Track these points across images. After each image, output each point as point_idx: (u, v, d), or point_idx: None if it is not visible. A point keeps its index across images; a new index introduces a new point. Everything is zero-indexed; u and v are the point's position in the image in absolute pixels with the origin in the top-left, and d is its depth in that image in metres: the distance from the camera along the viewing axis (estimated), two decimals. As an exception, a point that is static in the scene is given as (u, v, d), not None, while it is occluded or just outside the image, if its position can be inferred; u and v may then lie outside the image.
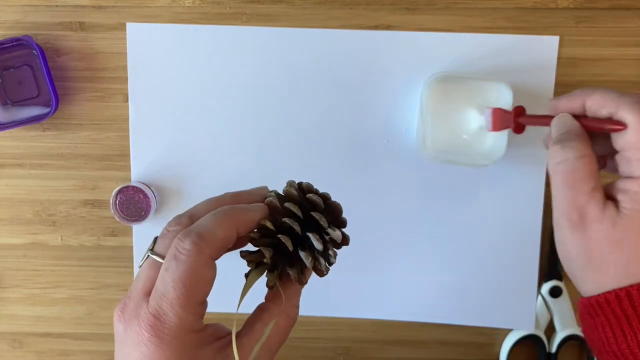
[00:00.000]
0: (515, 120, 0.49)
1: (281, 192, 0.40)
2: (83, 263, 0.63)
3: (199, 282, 0.33)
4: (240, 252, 0.37)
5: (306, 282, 0.38)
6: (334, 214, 0.39)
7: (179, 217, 0.37)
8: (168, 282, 0.33)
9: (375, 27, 0.58)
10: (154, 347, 0.33)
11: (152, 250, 0.36)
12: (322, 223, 0.37)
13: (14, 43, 0.57)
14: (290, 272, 0.37)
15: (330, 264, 0.38)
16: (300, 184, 0.40)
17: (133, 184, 0.59)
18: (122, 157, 0.61)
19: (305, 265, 0.37)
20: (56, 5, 0.59)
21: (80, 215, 0.62)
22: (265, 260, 0.36)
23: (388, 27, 0.58)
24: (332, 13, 0.58)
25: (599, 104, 0.39)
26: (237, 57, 0.59)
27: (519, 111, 0.49)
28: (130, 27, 0.59)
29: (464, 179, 0.60)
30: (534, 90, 0.58)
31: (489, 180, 0.59)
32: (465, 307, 0.61)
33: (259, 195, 0.40)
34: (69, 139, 0.61)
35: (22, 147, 0.61)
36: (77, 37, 0.59)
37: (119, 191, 0.59)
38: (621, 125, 0.37)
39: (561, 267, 0.60)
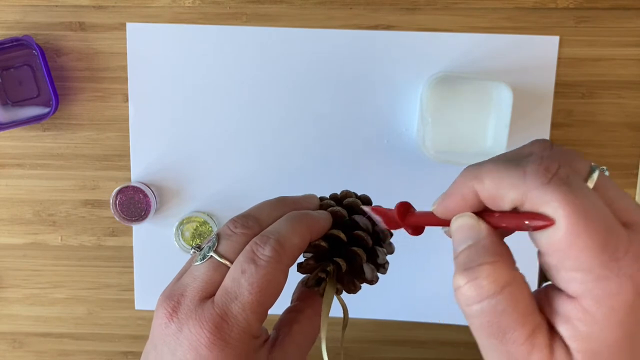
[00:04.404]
0: (401, 221, 0.32)
1: (327, 197, 0.40)
2: (83, 263, 0.63)
3: (274, 289, 0.33)
4: (307, 263, 0.37)
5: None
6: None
7: (244, 219, 0.36)
8: (244, 286, 0.32)
9: (375, 27, 0.58)
10: (217, 350, 0.31)
11: (215, 250, 0.34)
12: (382, 237, 0.38)
13: (14, 43, 0.57)
14: (357, 283, 0.37)
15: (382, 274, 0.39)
16: (355, 194, 0.40)
17: (133, 184, 0.59)
18: (122, 157, 0.61)
19: (364, 276, 0.37)
20: (56, 5, 0.59)
21: (80, 215, 0.62)
22: (328, 269, 0.36)
23: (388, 27, 0.58)
24: (332, 13, 0.58)
25: (496, 194, 0.26)
26: (237, 57, 0.59)
27: (402, 209, 0.32)
28: (130, 27, 0.59)
29: (464, 179, 0.60)
30: (534, 90, 0.58)
31: (489, 180, 0.59)
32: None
33: (314, 203, 0.39)
34: (69, 139, 0.61)
35: (22, 147, 0.61)
36: (77, 37, 0.59)
37: (119, 191, 0.59)
38: (546, 221, 0.24)
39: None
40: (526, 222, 0.25)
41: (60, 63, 0.59)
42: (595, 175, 0.26)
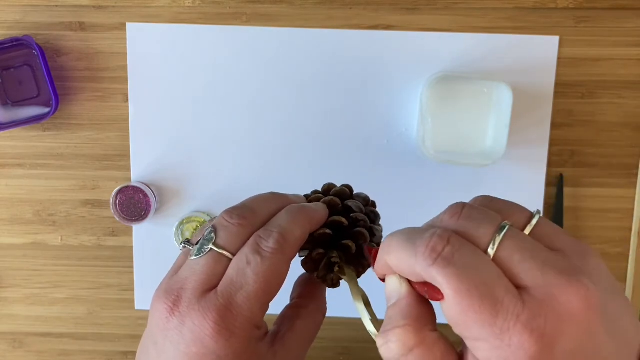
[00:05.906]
0: (374, 265, 0.33)
1: (311, 194, 0.41)
2: (83, 263, 0.63)
3: (277, 280, 0.33)
4: (317, 253, 0.37)
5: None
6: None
7: (239, 209, 0.36)
8: (249, 275, 0.32)
9: (375, 27, 0.58)
10: (222, 340, 0.31)
11: (214, 243, 0.34)
12: (373, 217, 0.39)
13: (14, 43, 0.57)
14: (364, 263, 0.38)
15: None
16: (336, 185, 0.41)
17: (133, 184, 0.59)
18: (122, 157, 0.61)
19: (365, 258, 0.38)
20: (56, 5, 0.59)
21: (80, 215, 0.62)
22: (334, 257, 0.37)
23: (388, 27, 0.58)
24: (332, 13, 0.58)
25: (400, 271, 0.29)
26: (237, 57, 0.59)
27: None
28: (130, 27, 0.59)
29: (464, 179, 0.60)
30: (534, 90, 0.58)
31: (489, 180, 0.59)
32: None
33: (302, 199, 0.40)
34: (69, 139, 0.61)
35: (22, 147, 0.61)
36: (77, 37, 0.59)
37: (119, 191, 0.59)
38: (439, 294, 0.27)
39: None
40: (425, 289, 0.28)
41: (60, 63, 0.59)
42: (503, 233, 0.27)
